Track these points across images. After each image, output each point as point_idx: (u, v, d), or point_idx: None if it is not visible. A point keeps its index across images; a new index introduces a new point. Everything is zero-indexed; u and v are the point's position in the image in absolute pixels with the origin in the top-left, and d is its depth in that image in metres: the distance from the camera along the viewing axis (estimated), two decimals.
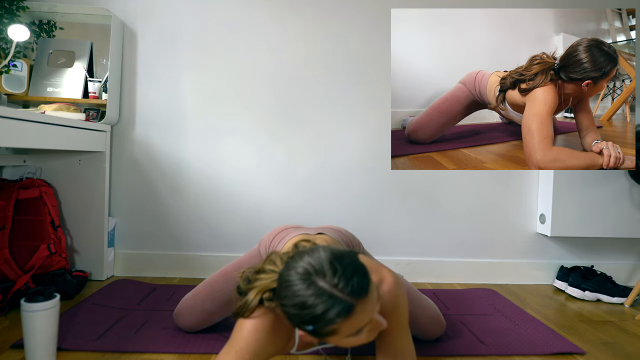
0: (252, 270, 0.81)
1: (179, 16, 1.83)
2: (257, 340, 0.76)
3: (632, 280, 1.93)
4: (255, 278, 0.79)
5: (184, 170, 1.84)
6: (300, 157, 1.87)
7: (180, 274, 1.84)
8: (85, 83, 1.77)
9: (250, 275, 0.80)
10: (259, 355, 0.77)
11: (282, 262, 0.77)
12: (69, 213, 1.71)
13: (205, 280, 1.28)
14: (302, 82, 1.86)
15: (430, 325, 1.18)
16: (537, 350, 1.20)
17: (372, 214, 1.89)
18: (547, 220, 1.83)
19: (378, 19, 1.86)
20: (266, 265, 0.79)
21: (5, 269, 1.45)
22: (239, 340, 0.77)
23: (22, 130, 1.17)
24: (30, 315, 0.94)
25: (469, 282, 1.90)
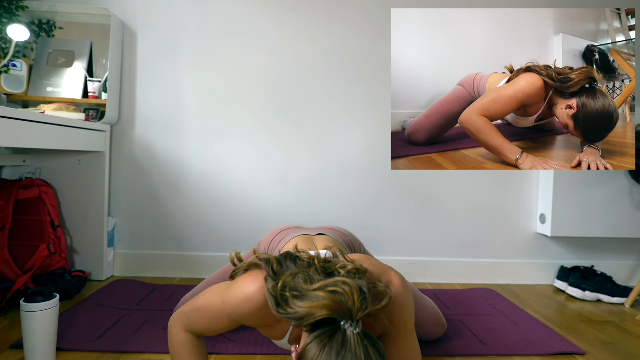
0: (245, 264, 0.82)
1: (179, 16, 1.83)
2: (246, 309, 0.76)
3: (632, 281, 1.93)
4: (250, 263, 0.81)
5: (184, 170, 1.84)
6: (300, 157, 1.87)
7: (180, 274, 1.83)
8: (85, 83, 1.77)
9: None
10: (243, 321, 0.78)
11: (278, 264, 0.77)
12: (69, 213, 1.71)
13: (206, 280, 1.28)
14: (302, 82, 1.86)
15: (432, 326, 1.18)
16: (537, 350, 1.20)
17: (372, 214, 1.89)
18: (548, 221, 1.83)
19: (378, 19, 1.86)
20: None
21: (5, 269, 1.44)
22: (231, 298, 0.77)
23: (21, 130, 1.17)
24: (29, 315, 0.94)
25: (469, 282, 1.90)
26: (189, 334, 0.84)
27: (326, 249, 0.96)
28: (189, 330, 0.83)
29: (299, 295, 0.65)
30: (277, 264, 0.75)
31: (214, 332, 0.83)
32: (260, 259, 0.77)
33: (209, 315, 0.80)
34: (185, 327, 0.83)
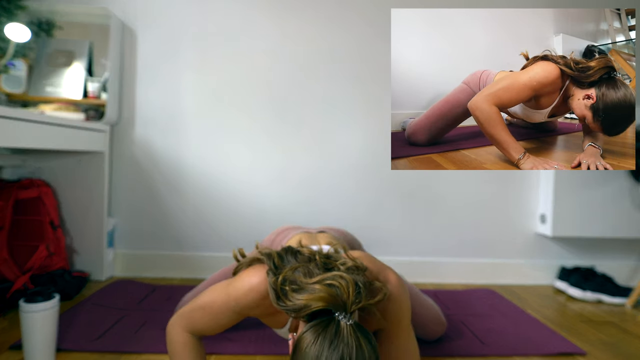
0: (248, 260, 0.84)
1: (179, 16, 1.83)
2: (251, 299, 0.78)
3: (633, 281, 1.93)
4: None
5: (183, 170, 1.84)
6: (300, 156, 1.86)
7: (180, 274, 1.83)
8: (85, 83, 1.77)
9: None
10: (247, 312, 0.80)
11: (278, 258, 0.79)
12: (69, 213, 1.70)
13: (207, 280, 1.28)
14: (302, 82, 1.86)
15: (432, 325, 1.18)
16: (538, 350, 1.20)
17: (372, 214, 1.89)
18: (548, 221, 1.83)
19: (377, 19, 1.86)
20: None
21: (4, 269, 1.44)
22: (235, 289, 0.79)
23: (21, 130, 1.17)
24: (29, 315, 0.94)
25: (470, 282, 1.90)
26: (190, 335, 0.84)
27: (329, 245, 0.97)
28: (189, 330, 0.84)
29: (297, 289, 0.68)
30: (278, 258, 0.77)
31: (216, 329, 0.83)
32: (262, 253, 0.80)
33: (212, 311, 0.81)
34: (186, 328, 0.83)
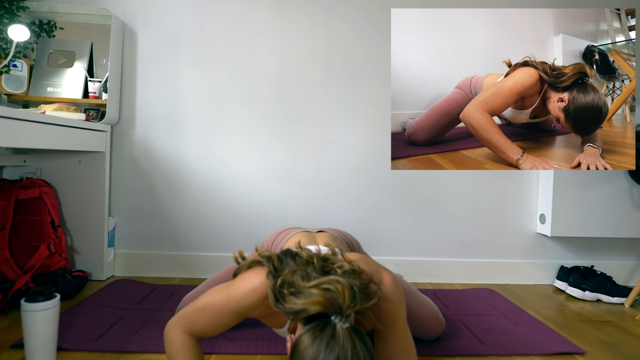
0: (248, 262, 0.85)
1: (179, 16, 1.83)
2: (252, 299, 0.79)
3: (632, 280, 1.93)
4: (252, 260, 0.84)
5: (184, 170, 1.84)
6: (300, 156, 1.87)
7: (180, 274, 1.83)
8: (85, 83, 1.77)
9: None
10: (247, 313, 0.82)
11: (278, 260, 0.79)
12: (69, 213, 1.71)
13: (208, 280, 1.29)
14: (302, 82, 1.86)
15: (430, 325, 1.19)
16: (537, 350, 1.20)
17: (372, 214, 1.89)
18: (547, 220, 1.83)
19: (378, 19, 1.86)
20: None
21: (5, 269, 1.45)
22: (236, 290, 0.81)
23: (22, 130, 1.17)
24: (30, 315, 0.94)
25: (469, 282, 1.90)
26: (189, 336, 0.84)
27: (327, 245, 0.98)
28: (189, 331, 0.84)
29: (295, 292, 0.69)
30: (277, 261, 0.78)
31: (216, 329, 0.84)
32: (262, 256, 0.81)
33: (212, 312, 0.82)
34: (186, 329, 0.84)
